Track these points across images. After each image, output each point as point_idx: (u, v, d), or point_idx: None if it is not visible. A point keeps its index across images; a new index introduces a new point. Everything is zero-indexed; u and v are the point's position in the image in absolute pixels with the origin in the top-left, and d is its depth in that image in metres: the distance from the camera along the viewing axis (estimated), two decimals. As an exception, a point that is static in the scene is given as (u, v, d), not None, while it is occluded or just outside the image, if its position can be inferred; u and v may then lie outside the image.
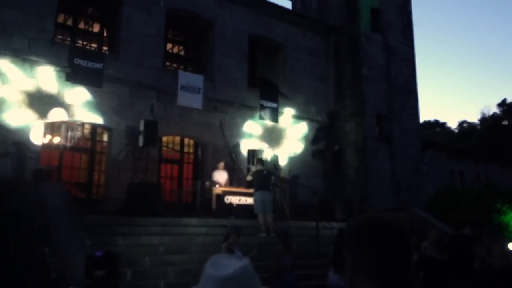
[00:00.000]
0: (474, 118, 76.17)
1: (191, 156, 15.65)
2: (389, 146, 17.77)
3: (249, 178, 10.82)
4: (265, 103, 16.11)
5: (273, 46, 17.77)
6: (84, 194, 13.07)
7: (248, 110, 15.83)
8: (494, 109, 52.11)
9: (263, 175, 10.35)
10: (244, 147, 15.47)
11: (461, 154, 28.98)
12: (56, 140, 12.77)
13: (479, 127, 53.07)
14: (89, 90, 12.63)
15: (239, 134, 15.45)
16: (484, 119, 52.26)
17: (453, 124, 68.29)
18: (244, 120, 15.73)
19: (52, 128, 12.68)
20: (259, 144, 15.98)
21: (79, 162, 13.10)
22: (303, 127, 17.26)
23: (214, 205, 11.11)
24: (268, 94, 16.42)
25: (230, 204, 11.37)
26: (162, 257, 7.10)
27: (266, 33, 17.10)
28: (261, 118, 15.97)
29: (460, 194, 15.19)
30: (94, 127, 13.39)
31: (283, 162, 16.38)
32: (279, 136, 16.52)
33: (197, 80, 14.58)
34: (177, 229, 8.87)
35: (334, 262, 6.95)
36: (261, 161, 10.81)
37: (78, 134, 12.81)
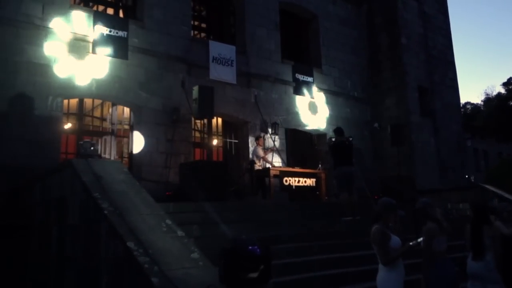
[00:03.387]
0: (476, 99, 74.93)
1: (219, 139, 13.96)
2: (433, 121, 16.30)
3: (327, 150, 9.19)
4: (300, 77, 14.57)
5: (303, 16, 16.12)
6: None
7: (282, 84, 14.24)
8: (498, 89, 51.02)
9: (344, 147, 8.68)
10: (283, 125, 13.85)
11: (484, 134, 27.82)
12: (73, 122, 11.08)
13: (482, 108, 51.96)
14: (112, 62, 10.91)
15: (276, 111, 13.83)
16: (488, 100, 51.14)
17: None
18: (280, 96, 14.13)
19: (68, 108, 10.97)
20: (298, 122, 14.39)
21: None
22: (339, 103, 15.72)
23: (272, 188, 9.47)
24: (303, 68, 14.85)
25: (289, 186, 9.77)
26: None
27: (297, 1, 15.45)
28: (296, 93, 14.43)
29: (522, 169, 13.86)
30: (118, 105, 11.68)
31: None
32: (316, 113, 14.96)
33: (229, 51, 12.94)
34: (252, 216, 7.26)
35: (473, 246, 5.48)
36: (339, 131, 9.09)
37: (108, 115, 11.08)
